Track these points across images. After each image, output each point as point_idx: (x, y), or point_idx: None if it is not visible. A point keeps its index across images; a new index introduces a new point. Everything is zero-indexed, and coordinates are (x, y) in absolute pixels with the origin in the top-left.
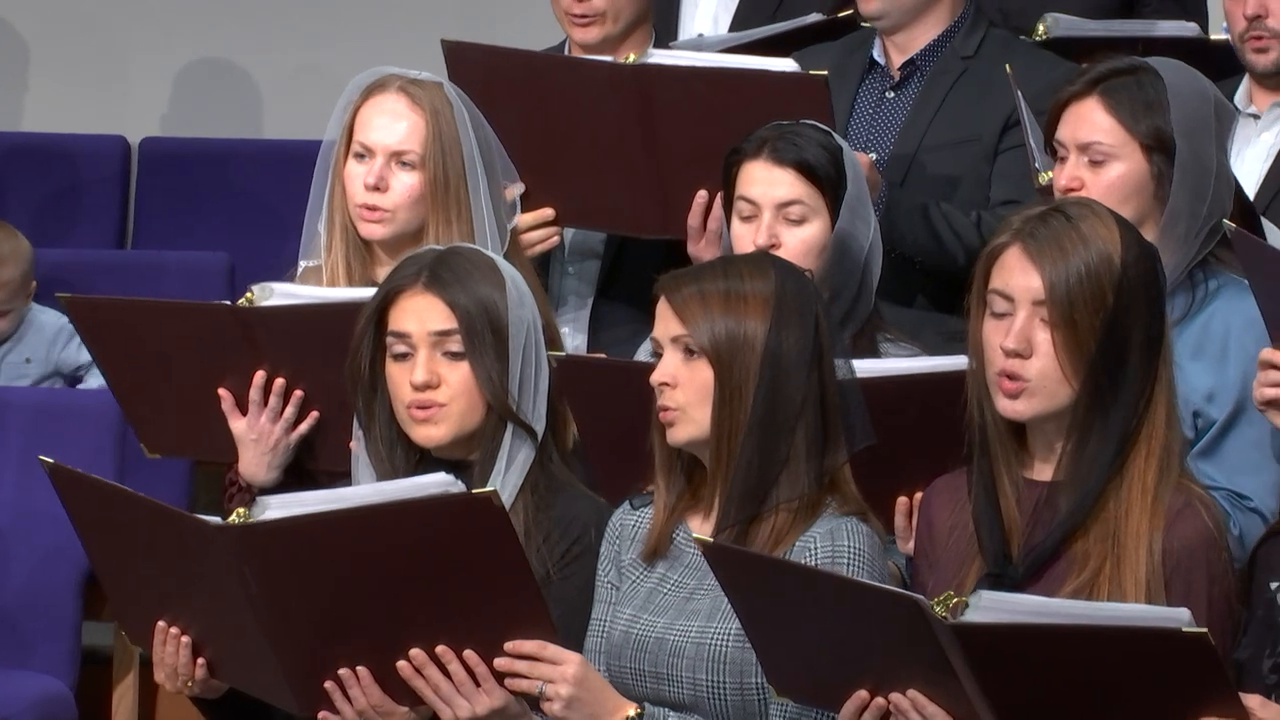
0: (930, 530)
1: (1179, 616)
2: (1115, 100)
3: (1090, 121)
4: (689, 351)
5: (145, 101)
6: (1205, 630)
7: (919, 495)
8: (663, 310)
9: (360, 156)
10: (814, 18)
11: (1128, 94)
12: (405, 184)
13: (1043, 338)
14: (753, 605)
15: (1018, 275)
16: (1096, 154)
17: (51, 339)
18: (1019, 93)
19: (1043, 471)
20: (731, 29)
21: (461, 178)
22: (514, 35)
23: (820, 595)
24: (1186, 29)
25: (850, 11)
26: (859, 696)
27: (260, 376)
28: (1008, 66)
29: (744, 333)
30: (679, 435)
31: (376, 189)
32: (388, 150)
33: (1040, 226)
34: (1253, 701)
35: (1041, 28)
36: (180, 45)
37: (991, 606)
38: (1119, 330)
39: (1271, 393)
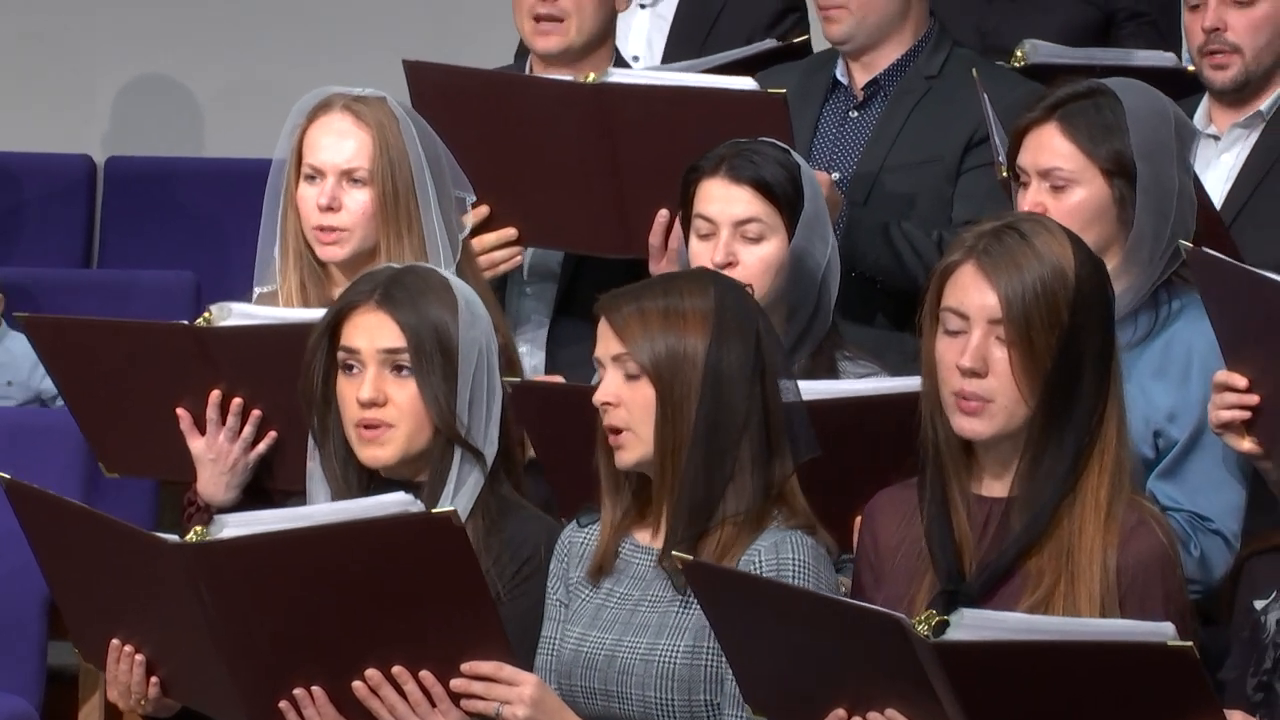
0: (875, 544)
1: (1163, 631)
2: (1073, 126)
3: (1050, 148)
4: (630, 371)
5: (110, 120)
6: (1190, 644)
7: None
8: (603, 330)
9: (311, 179)
10: (768, 43)
11: (1085, 119)
12: (358, 201)
13: (999, 356)
14: (730, 623)
15: (973, 293)
16: (1057, 180)
17: (33, 365)
18: (985, 96)
19: (993, 488)
20: (665, 52)
21: (411, 191)
22: (461, 49)
23: (799, 613)
24: (1163, 59)
25: (805, 37)
26: (836, 715)
27: (216, 395)
28: (974, 71)
29: (684, 349)
30: (628, 458)
31: (330, 209)
32: (337, 169)
33: (994, 243)
34: (1235, 717)
35: (1019, 53)
36: (146, 64)
37: (974, 624)
38: (1074, 346)
39: (1226, 415)
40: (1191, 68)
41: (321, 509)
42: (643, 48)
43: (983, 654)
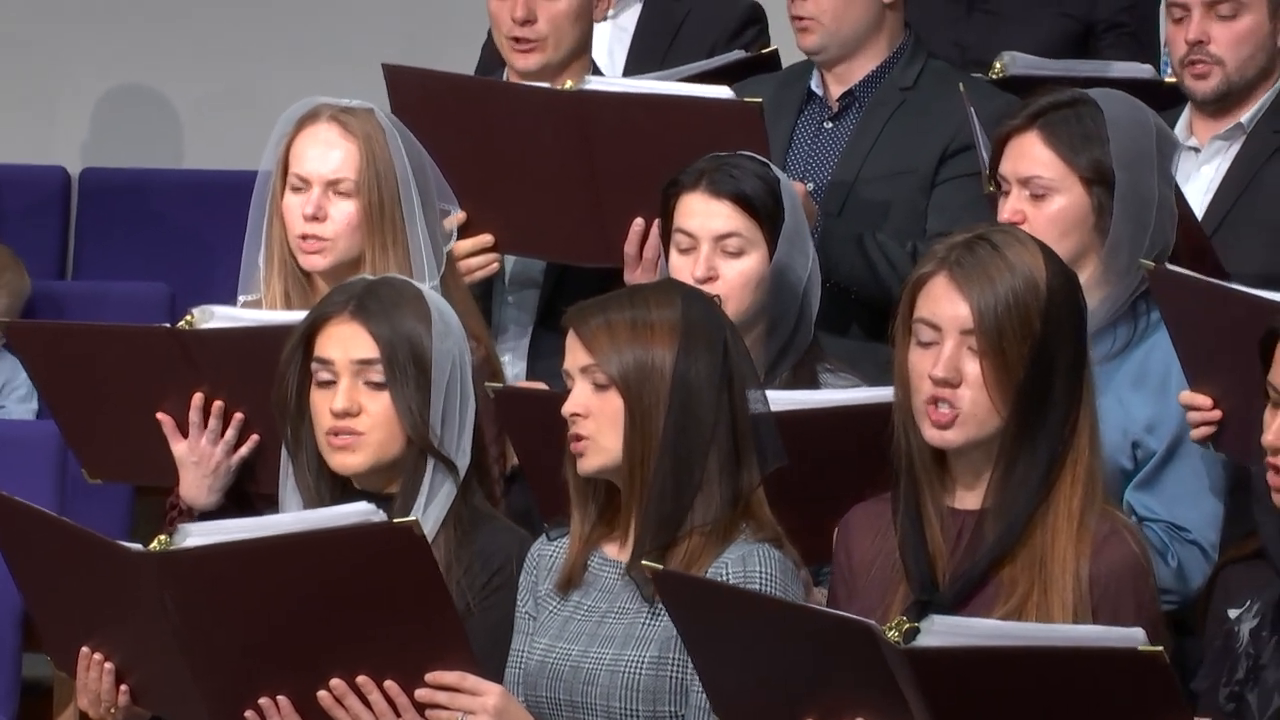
0: (849, 558)
1: (1134, 636)
2: (1054, 134)
3: (1030, 156)
4: (599, 382)
5: (85, 132)
6: (1160, 649)
7: None
8: (571, 342)
9: (297, 189)
10: (737, 54)
11: (1066, 127)
12: (344, 212)
13: (971, 367)
14: (699, 633)
15: (945, 304)
16: (1037, 188)
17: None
18: (972, 110)
19: (966, 499)
20: (626, 64)
21: (396, 203)
22: (439, 57)
23: (769, 621)
24: (1141, 70)
25: (774, 49)
26: None
27: (199, 398)
28: (961, 85)
29: (652, 360)
30: (589, 464)
31: (315, 219)
32: (323, 179)
33: (966, 255)
34: None
35: (998, 65)
36: (121, 75)
37: (944, 630)
38: (1046, 357)
39: (1202, 432)
40: (1170, 79)
41: (285, 518)
42: (604, 58)
43: (953, 660)
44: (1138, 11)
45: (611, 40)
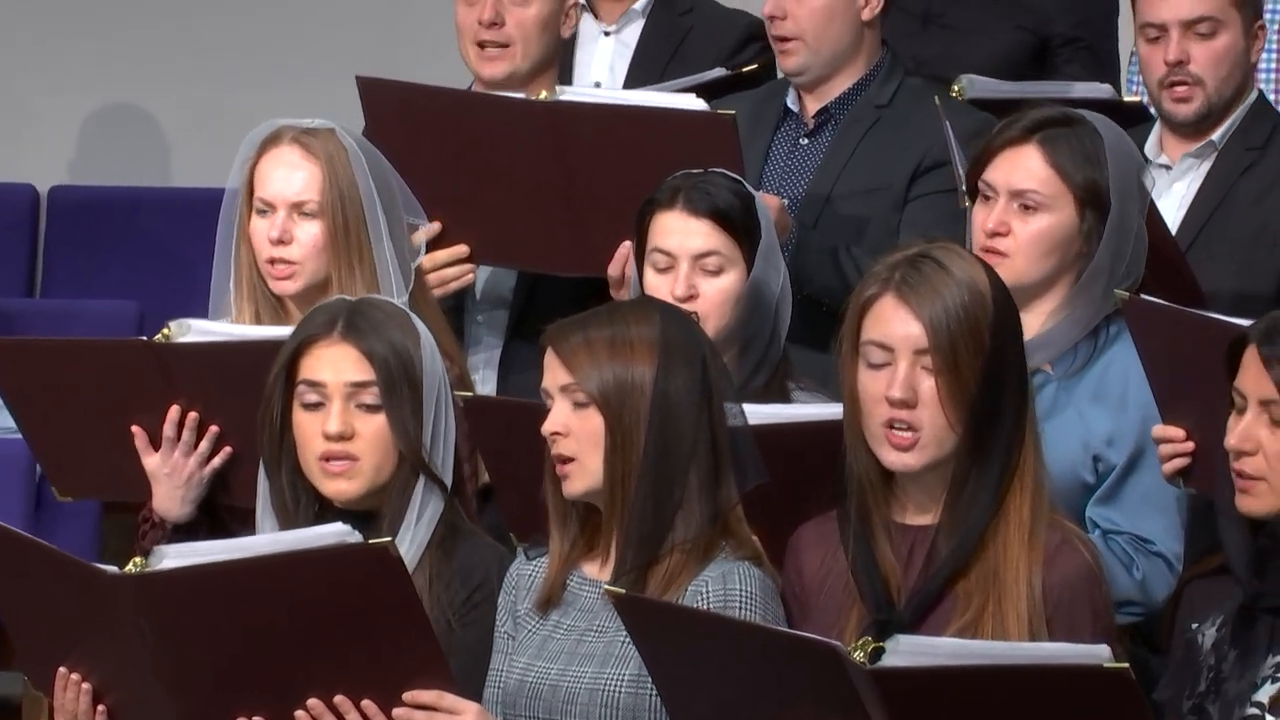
0: (800, 578)
1: (1099, 653)
2: (1055, 150)
3: (1026, 168)
4: (578, 400)
5: (54, 149)
6: (1127, 665)
7: None
8: (550, 361)
9: (262, 212)
10: (718, 72)
11: (1067, 145)
12: (309, 234)
13: (927, 385)
14: (662, 656)
15: (896, 324)
16: (1030, 201)
17: None
18: (947, 124)
19: (915, 516)
20: (627, 79)
21: (361, 222)
22: (422, 73)
23: (732, 644)
24: (1100, 90)
25: (754, 66)
26: None
27: (175, 411)
28: (936, 98)
29: (631, 378)
30: (575, 488)
31: (281, 242)
32: (287, 202)
33: (912, 273)
34: None
35: (957, 88)
36: (89, 93)
37: (909, 650)
38: (996, 370)
39: (1175, 464)
40: (1132, 98)
41: (260, 540)
42: (605, 74)
43: (919, 680)
44: (1094, 26)
45: (613, 55)
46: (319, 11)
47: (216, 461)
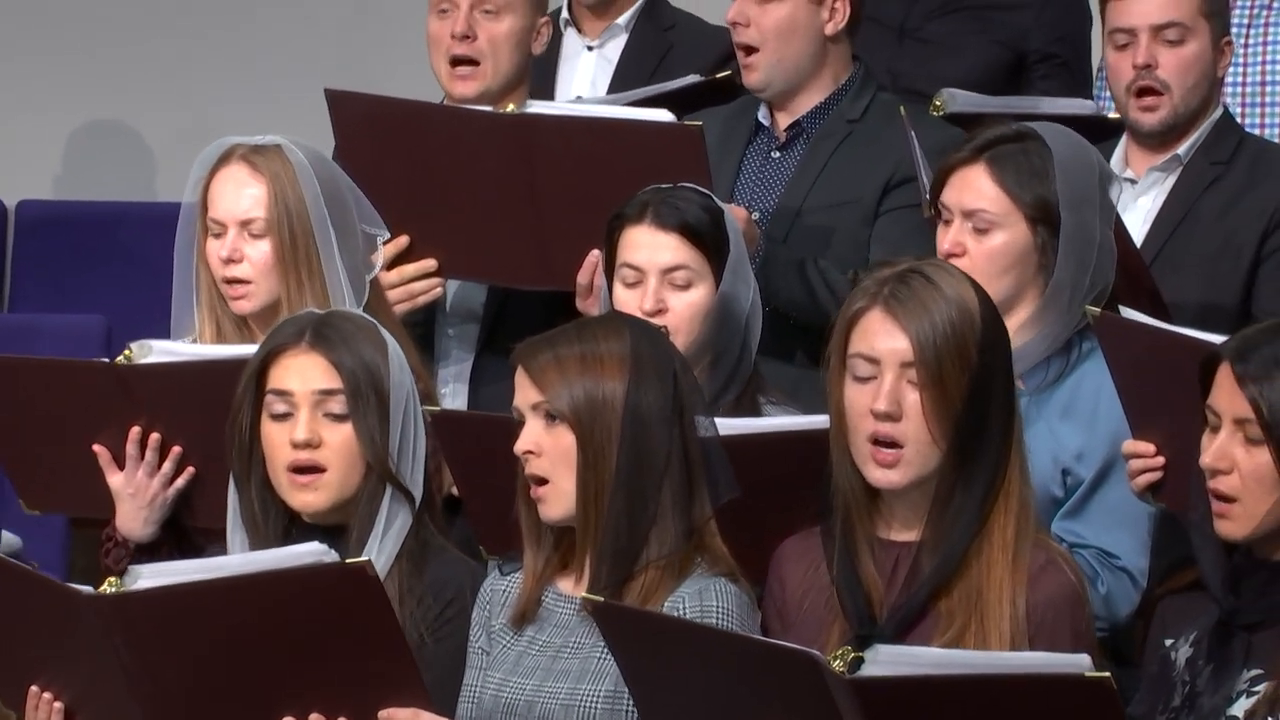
0: (783, 591)
1: (1080, 662)
2: (1001, 169)
3: (976, 189)
4: (550, 418)
5: (22, 164)
6: (1108, 675)
7: None
8: (520, 379)
9: (216, 234)
10: (691, 79)
11: (1014, 163)
12: (260, 252)
13: (912, 399)
14: (639, 665)
15: (883, 338)
16: (981, 221)
17: None
18: (912, 134)
19: (899, 532)
20: (609, 94)
21: (310, 237)
22: (403, 90)
23: (710, 653)
24: (1083, 106)
25: (728, 73)
26: None
27: (136, 431)
28: (901, 109)
29: (603, 394)
30: (552, 513)
31: (232, 260)
32: (236, 221)
33: (900, 287)
34: None
35: (937, 103)
36: (56, 108)
37: (889, 660)
38: (982, 387)
39: (1145, 479)
40: (1111, 114)
41: (235, 560)
42: (588, 89)
43: (899, 690)
44: (1071, 43)
45: (596, 71)
46: (295, 27)
47: (180, 482)
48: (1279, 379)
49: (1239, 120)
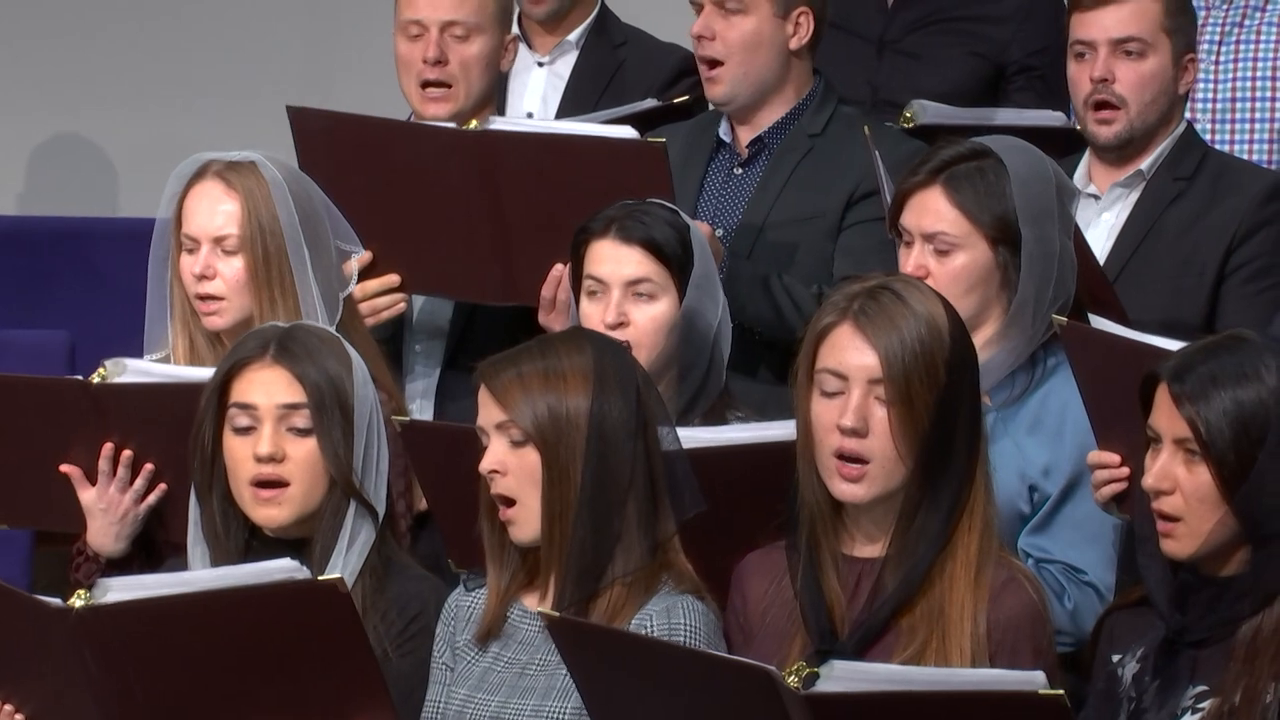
0: (745, 605)
1: (1034, 679)
2: (958, 190)
3: (934, 212)
4: (514, 438)
5: None
6: (1061, 693)
7: None
8: (484, 398)
9: (189, 250)
10: (649, 103)
11: (970, 183)
12: (233, 269)
13: (879, 415)
14: (596, 681)
15: (851, 353)
16: (942, 243)
17: None
18: (876, 154)
19: (863, 548)
20: (560, 110)
21: (284, 255)
22: (369, 106)
23: (667, 668)
24: (1054, 118)
25: (685, 98)
26: None
27: (109, 448)
28: (865, 128)
29: (566, 410)
30: (522, 535)
31: (205, 277)
32: (210, 237)
33: (870, 303)
34: None
35: (908, 114)
36: (14, 122)
37: (844, 676)
38: (949, 405)
39: (1111, 489)
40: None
41: (206, 574)
42: (538, 105)
43: (853, 705)
44: (1048, 55)
45: (546, 87)
46: (259, 43)
47: (152, 498)
48: (1215, 398)
49: (1210, 136)
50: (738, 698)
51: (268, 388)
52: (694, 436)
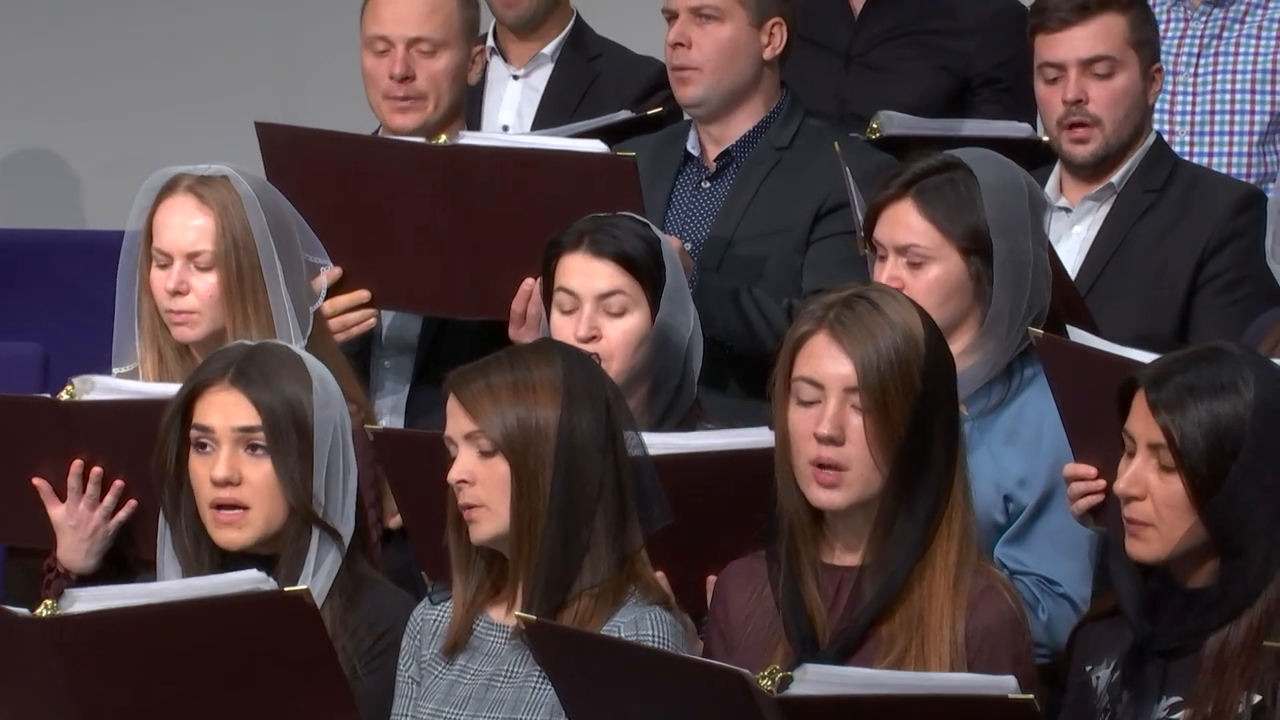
0: (726, 614)
1: (1005, 684)
2: (929, 203)
3: (906, 224)
4: (483, 448)
5: None
6: (1031, 697)
7: None
8: (453, 408)
9: (161, 264)
10: (622, 115)
11: (941, 195)
12: (206, 284)
13: (855, 424)
14: (573, 685)
15: (827, 362)
16: (914, 256)
17: None
18: (846, 169)
19: (843, 556)
20: (535, 123)
21: (257, 270)
22: (336, 119)
23: (642, 672)
24: (1019, 130)
25: (659, 109)
26: None
27: (78, 464)
28: (836, 144)
29: (535, 421)
30: (483, 533)
31: (178, 293)
32: (182, 253)
33: (846, 312)
34: None
35: (874, 125)
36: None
37: (817, 679)
38: (926, 414)
39: (1087, 501)
40: (1047, 139)
41: (173, 585)
42: (513, 118)
43: (826, 708)
44: (1014, 68)
45: (521, 100)
46: (226, 58)
47: (121, 515)
48: (1192, 409)
49: (1189, 148)
50: (713, 701)
51: (225, 410)
52: (669, 443)
